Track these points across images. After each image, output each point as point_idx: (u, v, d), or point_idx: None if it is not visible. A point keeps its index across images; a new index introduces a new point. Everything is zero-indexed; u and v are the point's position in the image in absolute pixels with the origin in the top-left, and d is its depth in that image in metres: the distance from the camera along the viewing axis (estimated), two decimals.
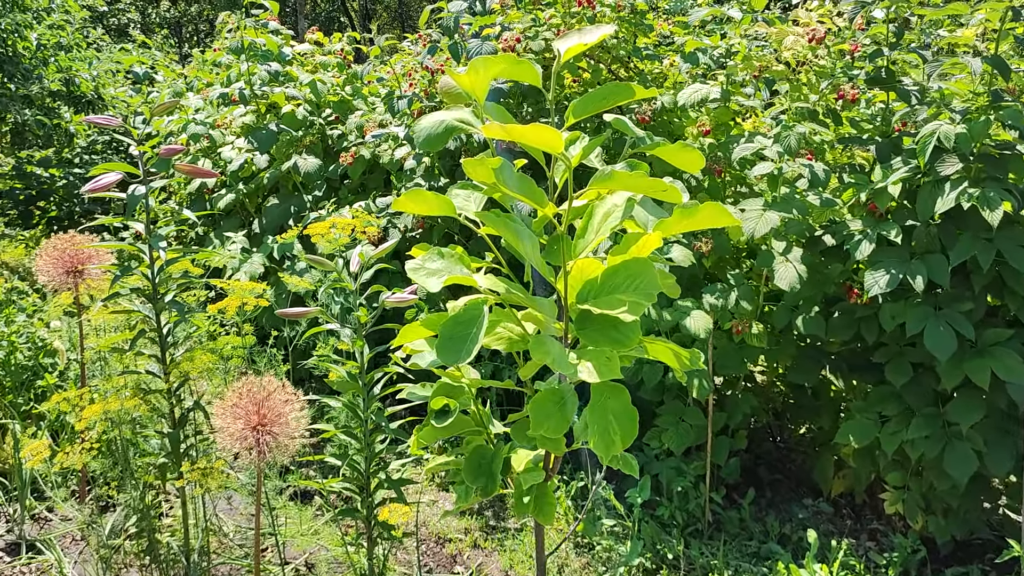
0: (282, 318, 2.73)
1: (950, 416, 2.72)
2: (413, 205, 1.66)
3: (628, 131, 1.73)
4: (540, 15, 3.24)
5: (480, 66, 1.51)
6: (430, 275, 1.44)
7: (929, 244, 2.61)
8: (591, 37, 1.66)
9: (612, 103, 1.65)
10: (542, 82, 1.65)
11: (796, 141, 2.53)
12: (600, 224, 1.49)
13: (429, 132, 1.64)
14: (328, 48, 4.58)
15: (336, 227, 2.56)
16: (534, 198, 1.44)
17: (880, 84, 2.78)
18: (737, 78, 2.91)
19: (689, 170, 1.74)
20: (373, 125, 3.83)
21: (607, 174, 1.39)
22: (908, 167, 2.62)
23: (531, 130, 1.37)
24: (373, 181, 4.02)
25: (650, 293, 1.39)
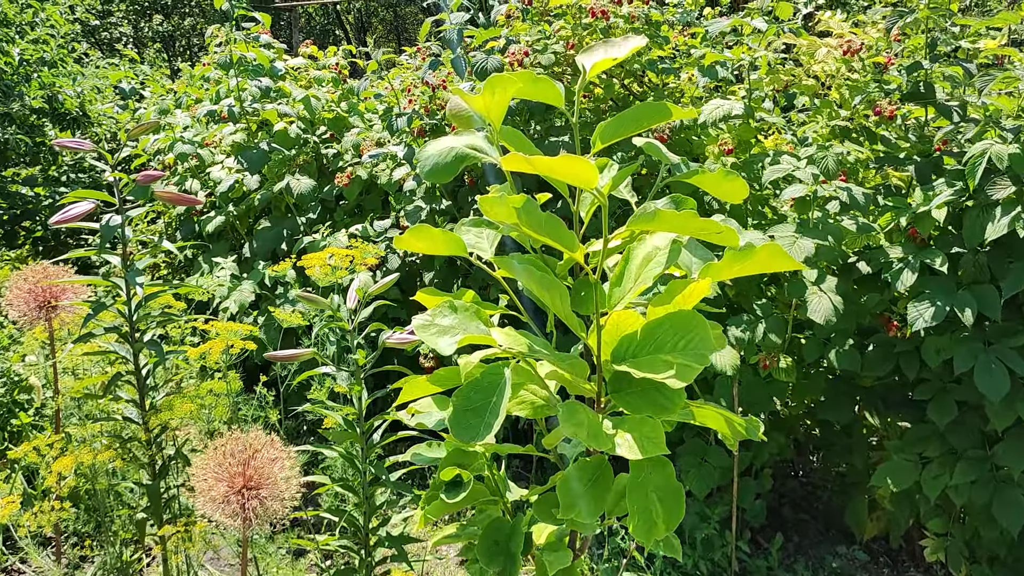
0: None
1: (999, 459, 2.51)
2: (418, 243, 1.45)
3: (662, 157, 1.52)
4: (548, 28, 3.04)
5: (497, 85, 1.29)
6: (441, 333, 1.22)
7: (977, 273, 2.40)
8: (620, 51, 1.45)
9: (646, 125, 1.44)
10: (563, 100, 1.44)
11: (835, 162, 2.32)
12: (639, 270, 1.28)
13: (436, 161, 1.43)
14: (323, 62, 4.37)
15: (333, 257, 2.35)
16: (563, 241, 1.22)
17: (918, 99, 2.57)
18: (762, 93, 2.70)
19: (731, 200, 1.53)
20: (370, 143, 3.62)
21: (651, 213, 1.17)
22: (953, 189, 2.41)
23: (561, 163, 1.15)
24: (370, 202, 3.81)
25: (702, 354, 1.17)
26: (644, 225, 1.20)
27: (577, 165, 1.16)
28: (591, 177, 1.18)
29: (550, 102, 1.44)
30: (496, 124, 1.37)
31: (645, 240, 1.31)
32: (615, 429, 1.22)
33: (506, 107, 1.36)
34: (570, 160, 1.16)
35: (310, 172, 3.83)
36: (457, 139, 1.46)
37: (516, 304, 1.50)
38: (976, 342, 2.40)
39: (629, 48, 1.45)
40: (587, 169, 1.17)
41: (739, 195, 1.48)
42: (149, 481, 2.35)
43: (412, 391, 1.48)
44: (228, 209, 3.87)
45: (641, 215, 1.19)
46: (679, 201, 1.35)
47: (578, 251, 1.24)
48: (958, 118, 2.52)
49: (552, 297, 1.23)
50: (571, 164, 1.16)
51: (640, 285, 1.26)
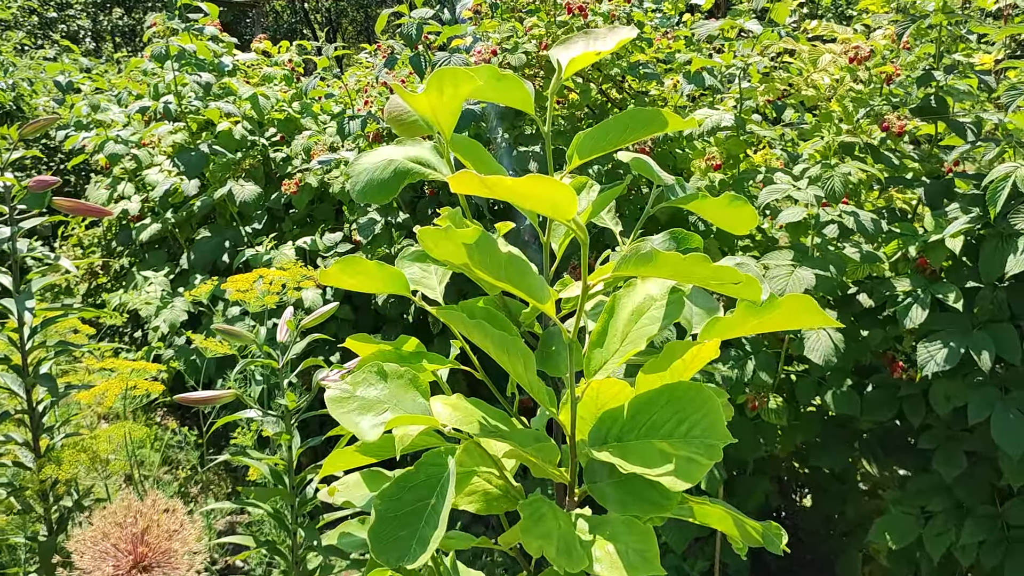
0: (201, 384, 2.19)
1: (1011, 517, 2.25)
2: (347, 279, 1.15)
3: (653, 176, 1.23)
4: (519, 26, 2.74)
5: (446, 82, 0.99)
6: (363, 410, 0.91)
7: (995, 311, 2.14)
8: (606, 44, 1.16)
9: (635, 136, 1.15)
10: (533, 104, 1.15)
11: (842, 183, 2.05)
12: (627, 327, 0.98)
13: (371, 177, 1.13)
14: (276, 59, 4.04)
15: (264, 280, 2.03)
16: (531, 292, 0.91)
17: (929, 114, 2.31)
18: (754, 102, 2.43)
19: (737, 231, 1.25)
20: (322, 148, 3.30)
21: (646, 256, 0.88)
22: (969, 216, 2.15)
23: (528, 185, 0.86)
24: (322, 212, 3.48)
25: (711, 445, 0.87)
26: (638, 270, 0.90)
27: (549, 188, 0.86)
28: (567, 204, 0.88)
29: (515, 105, 1.14)
30: (446, 131, 1.07)
31: (635, 287, 1.01)
32: (593, 534, 0.92)
33: (459, 110, 1.05)
34: (539, 181, 0.86)
35: (256, 177, 3.50)
36: (397, 150, 1.16)
37: (468, 354, 1.20)
38: (991, 388, 2.14)
39: (616, 40, 1.16)
40: (562, 194, 0.87)
41: (748, 224, 1.20)
42: (44, 536, 2.02)
43: (337, 463, 1.17)
44: (166, 216, 3.52)
45: (634, 258, 0.89)
46: (681, 238, 1.05)
47: (548, 301, 0.94)
48: (973, 136, 2.26)
49: (513, 363, 0.93)
50: (540, 186, 0.86)
51: (629, 347, 0.96)
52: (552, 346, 1.11)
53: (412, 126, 1.09)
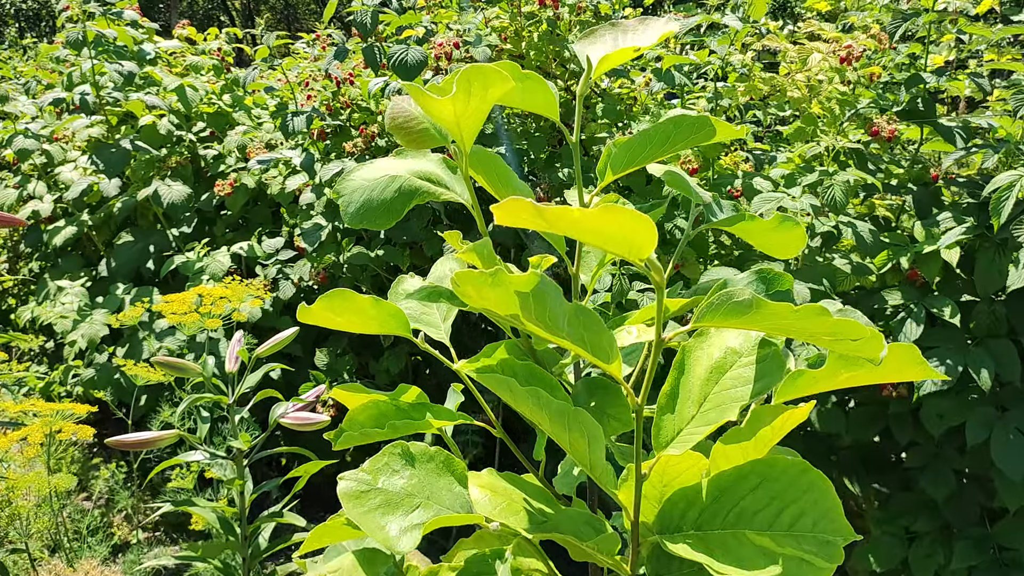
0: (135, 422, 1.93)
1: (1002, 538, 2.16)
2: (335, 316, 0.95)
3: (690, 193, 1.05)
4: (480, 21, 2.54)
5: (475, 84, 0.79)
6: (388, 510, 0.70)
7: (993, 326, 2.04)
8: (644, 37, 0.99)
9: (677, 147, 0.98)
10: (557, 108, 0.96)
11: (843, 192, 1.91)
12: (704, 387, 0.79)
13: (367, 197, 0.92)
14: (202, 47, 3.74)
15: (204, 299, 1.79)
16: (597, 351, 0.72)
17: (917, 118, 2.20)
18: (736, 103, 2.28)
19: (782, 256, 1.08)
20: (259, 145, 3.04)
21: (743, 305, 0.69)
22: (963, 226, 2.05)
23: (602, 219, 0.67)
24: (258, 214, 3.22)
25: (827, 542, 0.70)
26: (729, 321, 0.72)
27: (627, 223, 0.67)
28: (646, 242, 0.69)
29: (538, 110, 0.95)
30: (468, 142, 0.87)
31: (709, 337, 0.83)
32: None
33: (484, 117, 0.86)
34: (615, 214, 0.67)
35: (185, 176, 3.21)
36: (399, 163, 0.95)
37: (483, 406, 1.01)
38: (988, 407, 2.04)
39: (657, 34, 0.98)
40: (642, 230, 0.68)
41: (796, 248, 1.03)
42: None
43: (322, 537, 0.97)
44: (82, 218, 3.20)
45: (725, 307, 0.71)
46: (771, 279, 0.87)
47: (615, 362, 0.75)
48: (962, 141, 2.16)
49: (574, 440, 0.74)
50: (616, 220, 0.67)
51: (711, 415, 0.77)
52: (592, 401, 0.92)
53: (421, 136, 0.89)
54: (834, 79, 2.09)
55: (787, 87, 2.15)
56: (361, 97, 2.80)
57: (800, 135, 2.22)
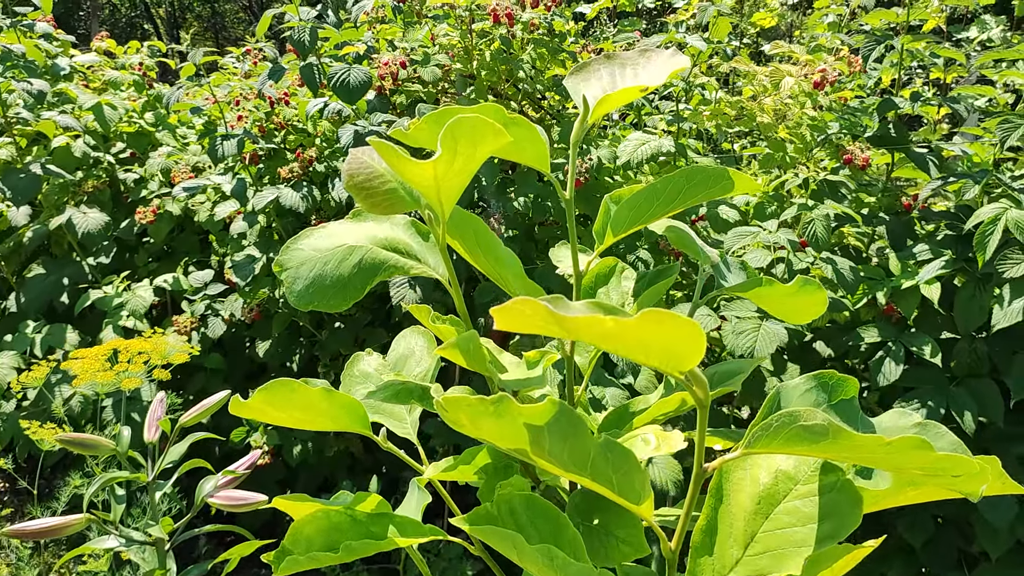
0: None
1: None
2: (275, 412, 0.77)
3: (696, 252, 0.91)
4: (426, 35, 2.36)
5: (462, 140, 0.62)
6: None
7: (974, 366, 1.94)
8: (651, 75, 0.85)
9: (690, 201, 0.84)
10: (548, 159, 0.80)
11: (824, 229, 1.79)
12: (751, 523, 0.63)
13: (319, 273, 0.74)
14: (122, 60, 3.48)
15: (121, 354, 1.57)
16: (626, 491, 0.56)
17: (888, 144, 2.10)
18: (703, 128, 2.15)
19: (799, 321, 0.95)
20: (185, 168, 2.81)
21: (816, 431, 0.54)
22: (941, 260, 1.94)
23: (641, 328, 0.50)
24: (185, 242, 2.98)
25: None
26: (794, 448, 0.56)
27: (672, 331, 0.51)
28: (692, 354, 0.53)
29: (527, 162, 0.79)
30: (447, 209, 0.70)
31: (755, 461, 0.67)
32: None
33: (469, 179, 0.69)
34: (657, 321, 0.50)
35: (103, 202, 2.95)
36: (360, 229, 0.78)
37: (444, 498, 0.84)
38: (972, 451, 1.94)
39: (666, 69, 0.83)
40: (689, 341, 0.52)
41: (815, 313, 0.90)
42: None
43: None
44: None
45: (788, 431, 0.55)
46: (833, 386, 0.70)
47: (647, 501, 0.58)
48: (936, 169, 2.06)
49: None
50: (658, 328, 0.51)
51: (762, 561, 0.61)
52: (594, 517, 0.75)
53: (388, 198, 0.71)
54: (805, 103, 1.98)
55: (755, 111, 2.03)
56: (297, 118, 2.60)
57: (769, 162, 2.09)
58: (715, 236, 2.12)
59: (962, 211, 2.02)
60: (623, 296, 0.88)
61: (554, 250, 0.97)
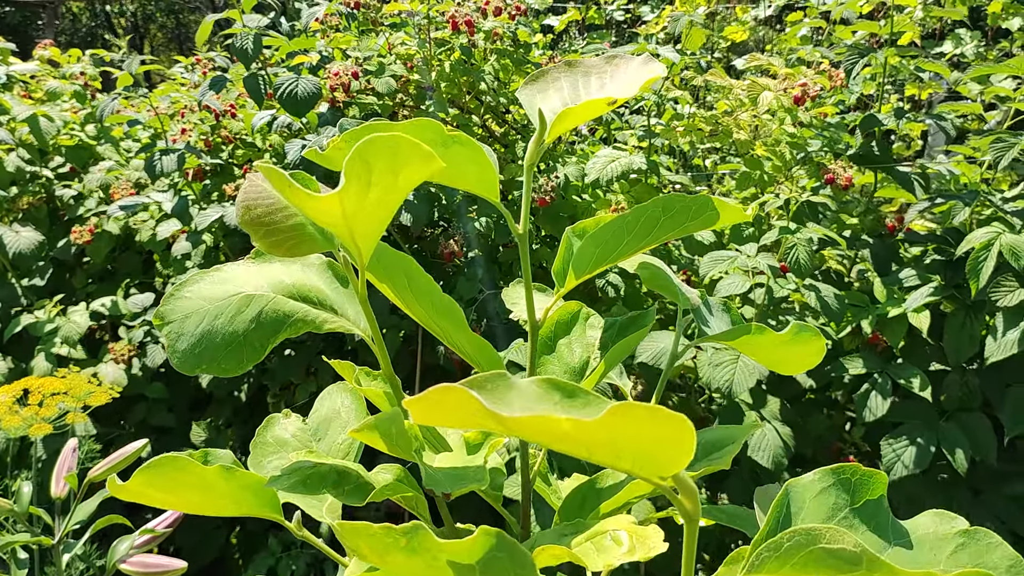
0: None
1: None
2: (162, 496, 0.61)
3: (674, 294, 0.77)
4: (382, 44, 2.22)
5: (378, 167, 0.47)
6: None
7: (965, 399, 1.82)
8: (620, 86, 0.73)
9: (666, 236, 0.70)
10: (498, 186, 0.66)
11: (807, 254, 1.66)
12: None
13: (208, 329, 0.58)
14: (65, 70, 3.29)
15: (32, 394, 1.40)
16: None
17: (871, 163, 1.99)
18: (676, 144, 2.02)
19: (793, 372, 0.82)
20: (126, 184, 2.63)
21: (845, 557, 0.40)
22: (929, 286, 1.83)
23: (614, 427, 0.36)
24: (127, 262, 2.80)
25: None
26: None
27: (653, 429, 0.36)
28: (680, 453, 0.39)
29: (472, 189, 0.64)
30: (366, 251, 0.55)
31: None
32: None
33: (392, 213, 0.54)
34: (634, 420, 0.36)
35: (39, 219, 2.77)
36: (262, 272, 0.62)
37: None
38: (962, 491, 1.82)
39: (638, 79, 0.69)
40: (677, 439, 0.37)
41: (811, 363, 0.77)
42: None
43: None
44: None
45: (808, 553, 0.41)
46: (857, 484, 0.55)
47: None
48: (921, 189, 1.95)
49: None
50: (638, 428, 0.36)
51: None
52: None
53: (294, 238, 0.56)
54: (785, 119, 1.86)
55: (731, 127, 1.91)
56: (244, 131, 2.44)
57: (746, 181, 1.97)
58: (687, 257, 1.99)
59: (950, 234, 1.90)
60: (587, 349, 0.74)
61: (507, 290, 0.82)
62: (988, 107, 2.26)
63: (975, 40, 3.01)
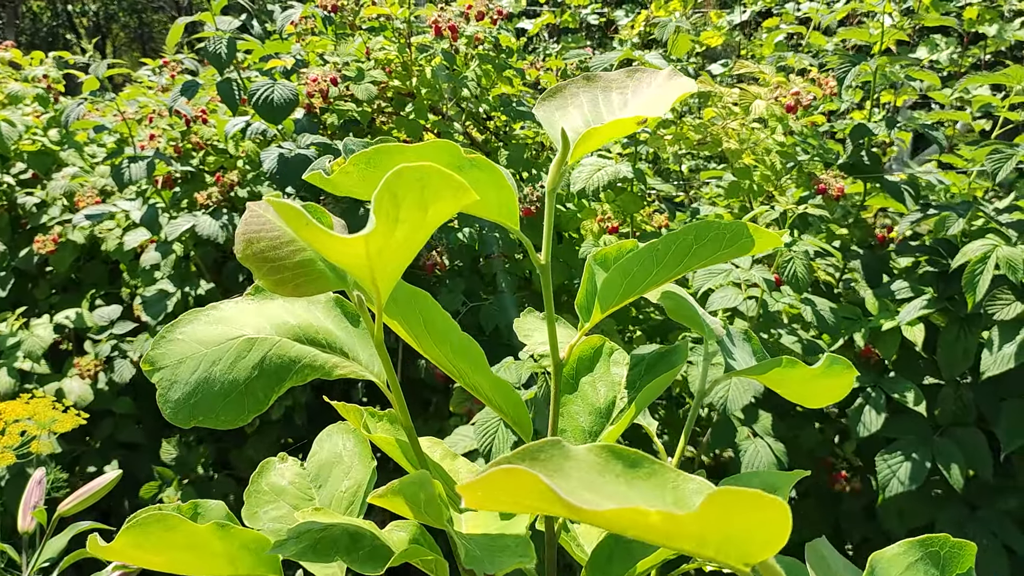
0: None
1: None
2: (153, 557, 0.54)
3: (700, 327, 0.72)
4: (359, 48, 2.15)
5: (405, 200, 0.41)
6: None
7: (959, 414, 1.79)
8: (648, 102, 0.67)
9: (699, 263, 0.64)
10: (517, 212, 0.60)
11: (805, 268, 1.62)
12: None
13: (205, 376, 0.52)
14: (26, 73, 3.18)
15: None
16: None
17: (861, 173, 1.96)
18: (664, 154, 1.98)
19: (818, 405, 0.78)
20: (91, 192, 2.54)
21: None
22: (923, 299, 1.80)
23: (710, 518, 0.30)
24: (92, 272, 2.70)
25: None
26: None
27: (754, 518, 0.30)
28: (775, 537, 0.33)
29: (491, 216, 0.58)
30: (385, 291, 0.49)
31: None
32: None
33: (415, 252, 0.48)
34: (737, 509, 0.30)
35: (0, 228, 2.66)
36: (264, 311, 0.56)
37: None
38: (957, 505, 1.79)
39: (666, 95, 0.64)
40: (775, 526, 0.31)
41: (838, 396, 0.73)
42: None
43: None
44: None
45: None
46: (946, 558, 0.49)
47: None
48: (911, 200, 1.92)
49: None
50: (738, 518, 0.30)
51: None
52: None
53: (302, 275, 0.50)
54: (776, 128, 1.82)
55: (721, 136, 1.87)
56: (217, 137, 2.36)
57: (735, 190, 1.93)
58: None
59: (941, 245, 1.88)
60: (613, 388, 0.69)
61: (519, 321, 0.77)
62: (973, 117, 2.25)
63: (951, 46, 3.00)
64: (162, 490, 2.29)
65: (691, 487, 0.39)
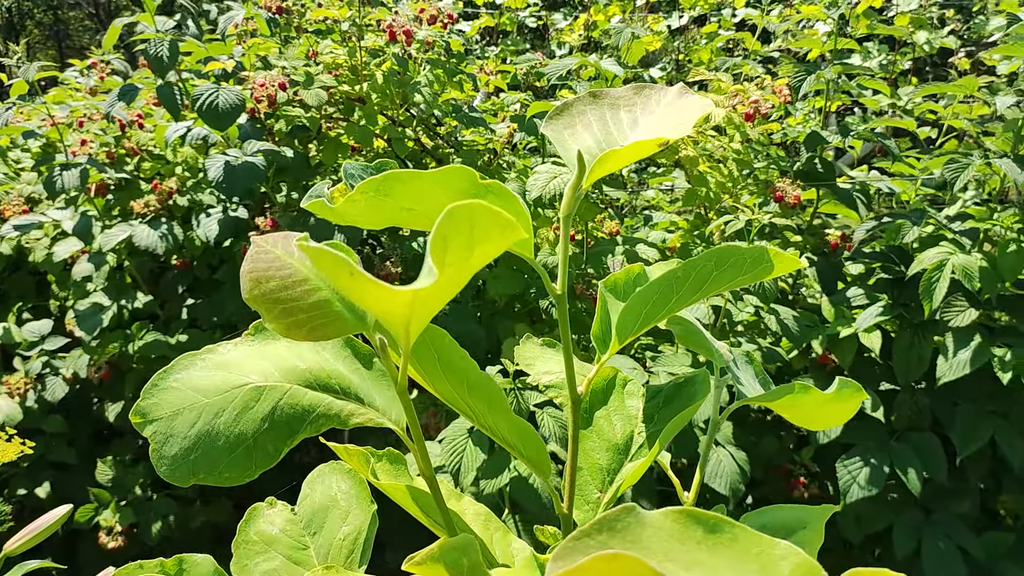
0: None
1: None
2: None
3: (710, 353, 0.70)
4: (301, 50, 2.07)
5: (454, 241, 0.37)
6: None
7: (915, 419, 1.81)
8: (662, 120, 0.63)
9: (718, 289, 0.61)
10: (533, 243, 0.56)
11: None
12: None
13: (210, 430, 0.47)
14: None
15: None
16: None
17: (815, 180, 1.97)
18: None
19: (826, 427, 0.76)
20: (17, 200, 2.40)
21: None
22: (878, 306, 1.82)
23: None
24: (18, 286, 2.56)
25: None
26: None
27: None
28: None
29: (515, 249, 0.54)
30: (414, 338, 0.44)
31: None
32: None
33: (453, 295, 0.43)
34: None
35: None
36: (270, 352, 0.52)
37: None
38: (912, 510, 1.81)
39: (692, 116, 0.61)
40: None
41: (845, 418, 0.71)
42: None
43: None
44: None
45: None
46: None
47: None
48: (864, 207, 1.94)
49: None
50: None
51: None
52: None
53: (318, 317, 0.45)
54: (735, 136, 1.82)
55: (678, 143, 1.86)
56: (154, 143, 2.25)
57: (692, 199, 1.92)
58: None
59: (894, 252, 1.90)
60: (629, 422, 0.65)
61: (520, 349, 0.73)
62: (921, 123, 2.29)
63: (883, 53, 3.07)
64: (99, 513, 2.18)
65: (777, 553, 0.36)
